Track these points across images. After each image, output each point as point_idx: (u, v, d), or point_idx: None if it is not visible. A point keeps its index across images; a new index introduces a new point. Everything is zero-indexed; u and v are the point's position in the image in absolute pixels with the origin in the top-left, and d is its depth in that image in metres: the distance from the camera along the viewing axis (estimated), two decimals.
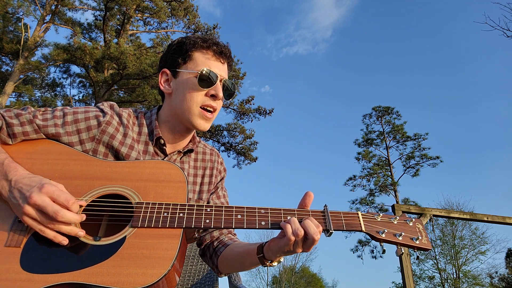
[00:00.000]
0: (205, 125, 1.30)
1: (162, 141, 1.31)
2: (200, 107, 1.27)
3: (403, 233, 1.13)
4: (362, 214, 1.16)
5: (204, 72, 1.25)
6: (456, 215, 7.07)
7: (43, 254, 0.99)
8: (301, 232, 1.02)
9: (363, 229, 1.12)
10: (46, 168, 1.14)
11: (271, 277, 34.43)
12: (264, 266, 1.18)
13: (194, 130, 1.41)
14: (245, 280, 34.97)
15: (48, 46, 15.46)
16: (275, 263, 1.16)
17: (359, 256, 25.89)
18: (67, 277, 0.94)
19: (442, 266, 26.34)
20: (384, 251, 1.11)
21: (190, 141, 1.43)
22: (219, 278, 2.06)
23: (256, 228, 1.09)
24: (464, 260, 25.71)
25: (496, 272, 26.10)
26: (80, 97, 18.54)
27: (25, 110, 1.21)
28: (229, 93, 1.35)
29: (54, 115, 1.22)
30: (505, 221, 6.75)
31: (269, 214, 1.11)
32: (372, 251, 25.43)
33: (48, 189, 0.97)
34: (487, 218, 6.77)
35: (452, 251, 25.98)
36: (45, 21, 15.58)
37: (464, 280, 25.40)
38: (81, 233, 1.00)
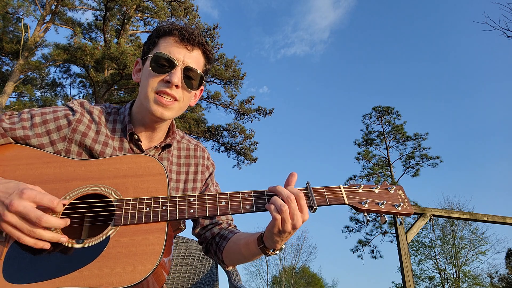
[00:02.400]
0: (162, 112, 1.19)
1: (136, 137, 1.26)
2: (155, 93, 1.19)
3: (385, 201, 1.15)
4: (344, 187, 1.17)
5: (155, 55, 1.18)
6: (456, 215, 7.06)
7: (26, 263, 0.95)
8: (285, 207, 1.01)
9: (346, 201, 1.13)
10: (18, 175, 1.09)
11: (271, 277, 34.43)
12: (267, 256, 1.17)
13: (172, 124, 1.37)
14: (245, 280, 34.97)
15: (48, 46, 15.48)
16: (277, 251, 1.14)
17: (359, 256, 25.88)
18: (54, 284, 0.92)
19: (442, 266, 26.36)
20: (368, 222, 1.13)
21: (168, 136, 1.37)
22: (219, 278, 2.06)
23: (241, 213, 1.09)
24: (464, 260, 25.71)
25: (496, 272, 26.11)
26: (81, 97, 18.55)
27: None
28: (191, 81, 1.23)
29: (21, 117, 1.17)
30: (505, 221, 6.75)
31: (253, 197, 1.10)
32: (372, 251, 25.41)
33: (29, 194, 0.93)
34: (487, 218, 6.77)
35: (452, 251, 25.98)
36: (45, 21, 15.58)
37: (464, 280, 25.39)
38: (63, 239, 0.97)
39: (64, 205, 1.01)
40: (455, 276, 25.50)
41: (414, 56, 52.12)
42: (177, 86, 1.19)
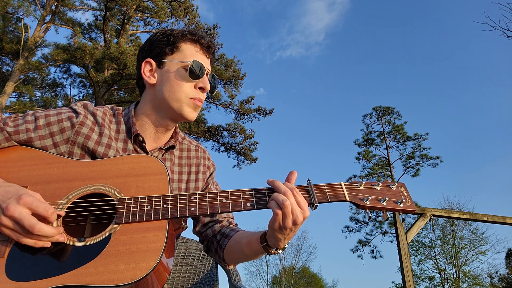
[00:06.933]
0: (193, 114, 1.29)
1: (140, 138, 1.27)
2: (190, 98, 1.27)
3: (387, 198, 1.14)
4: (345, 184, 1.16)
5: (194, 64, 1.25)
6: (456, 215, 7.06)
7: (28, 261, 0.97)
8: (287, 202, 1.02)
9: (347, 198, 1.13)
10: (22, 175, 1.11)
11: (271, 277, 34.44)
12: (269, 254, 1.17)
13: (176, 126, 1.39)
14: (245, 280, 34.97)
15: (48, 46, 15.48)
16: (280, 251, 1.15)
17: (359, 256, 25.89)
18: (56, 281, 0.93)
19: (442, 266, 26.37)
20: (370, 218, 1.11)
21: (171, 138, 1.39)
22: (219, 278, 2.06)
23: (242, 210, 1.09)
24: (464, 260, 25.73)
25: (496, 272, 26.12)
26: (81, 97, 18.55)
27: None
28: (212, 87, 1.35)
29: (25, 120, 1.18)
30: (505, 221, 6.75)
31: (253, 195, 1.11)
32: (372, 251, 25.42)
33: (26, 200, 0.94)
34: (487, 218, 6.77)
35: (452, 251, 25.99)
36: (45, 21, 15.57)
37: (464, 280, 25.41)
38: (61, 238, 0.98)
39: (59, 216, 1.02)
40: (455, 276, 25.52)
41: (414, 56, 52.18)
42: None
